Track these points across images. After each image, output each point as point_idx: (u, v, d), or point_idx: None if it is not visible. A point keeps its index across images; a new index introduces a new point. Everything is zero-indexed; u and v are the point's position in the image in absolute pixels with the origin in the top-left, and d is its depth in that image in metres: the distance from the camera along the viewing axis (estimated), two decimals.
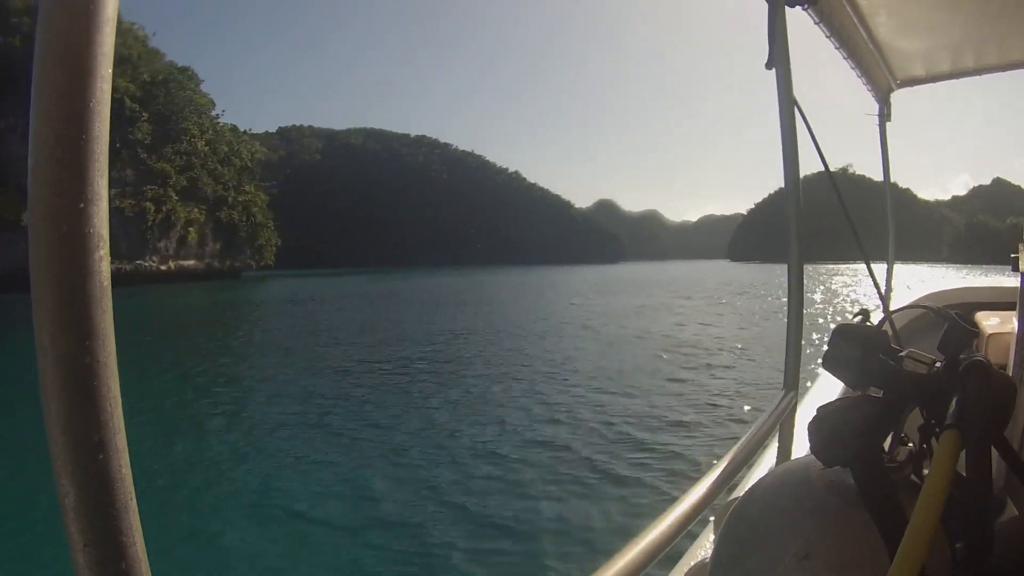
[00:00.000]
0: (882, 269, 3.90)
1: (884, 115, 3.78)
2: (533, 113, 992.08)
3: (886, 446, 0.89)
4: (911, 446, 0.91)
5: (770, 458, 1.83)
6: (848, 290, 49.44)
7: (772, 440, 1.81)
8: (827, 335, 1.00)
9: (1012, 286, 2.56)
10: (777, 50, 1.82)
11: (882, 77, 3.45)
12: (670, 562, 1.44)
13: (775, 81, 1.85)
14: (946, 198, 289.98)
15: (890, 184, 4.11)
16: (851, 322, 0.98)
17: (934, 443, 0.87)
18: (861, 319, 0.97)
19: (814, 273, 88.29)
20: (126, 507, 0.40)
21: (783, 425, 1.76)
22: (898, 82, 3.59)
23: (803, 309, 1.89)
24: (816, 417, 0.85)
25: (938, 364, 0.89)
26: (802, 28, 2.13)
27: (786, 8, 1.86)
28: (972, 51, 3.15)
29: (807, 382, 2.25)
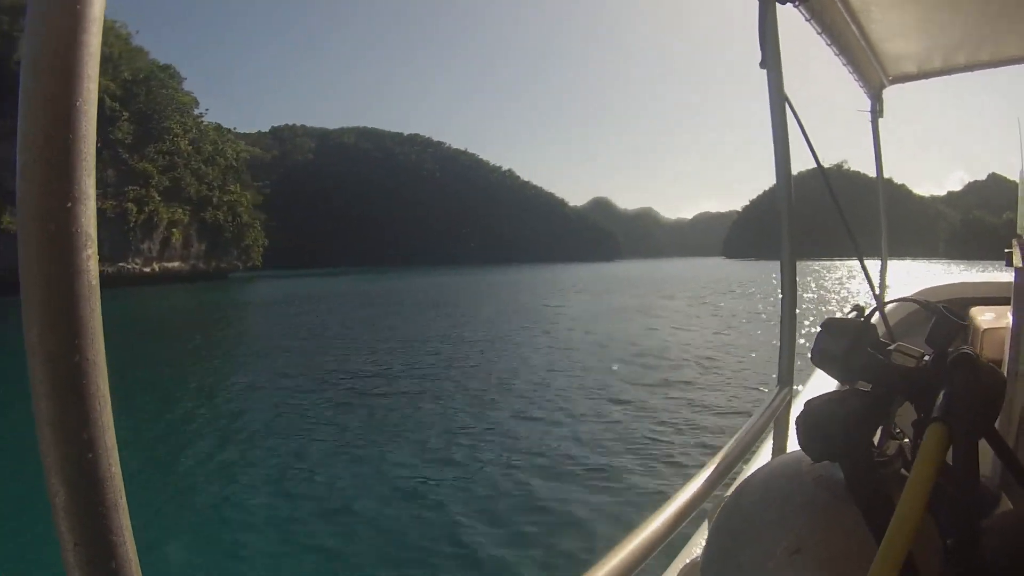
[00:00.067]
0: (876, 265, 3.88)
1: (876, 111, 3.79)
2: (527, 111, 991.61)
3: (876, 441, 0.88)
4: (905, 440, 0.90)
5: (766, 454, 1.83)
6: (841, 287, 48.43)
7: (767, 436, 1.81)
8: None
9: (1007, 281, 2.49)
10: (768, 48, 1.84)
11: (874, 73, 3.44)
12: (665, 559, 1.44)
13: (766, 78, 1.87)
14: (941, 194, 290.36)
15: (883, 180, 4.11)
16: (839, 316, 0.96)
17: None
18: (856, 315, 0.96)
19: (808, 270, 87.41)
20: (116, 505, 0.40)
21: (778, 421, 1.77)
22: (890, 78, 3.61)
23: (796, 305, 1.92)
24: (803, 412, 0.84)
25: (927, 358, 0.89)
26: (793, 25, 2.13)
27: (777, 5, 1.87)
28: (964, 47, 3.15)
29: (799, 385, 2.16)
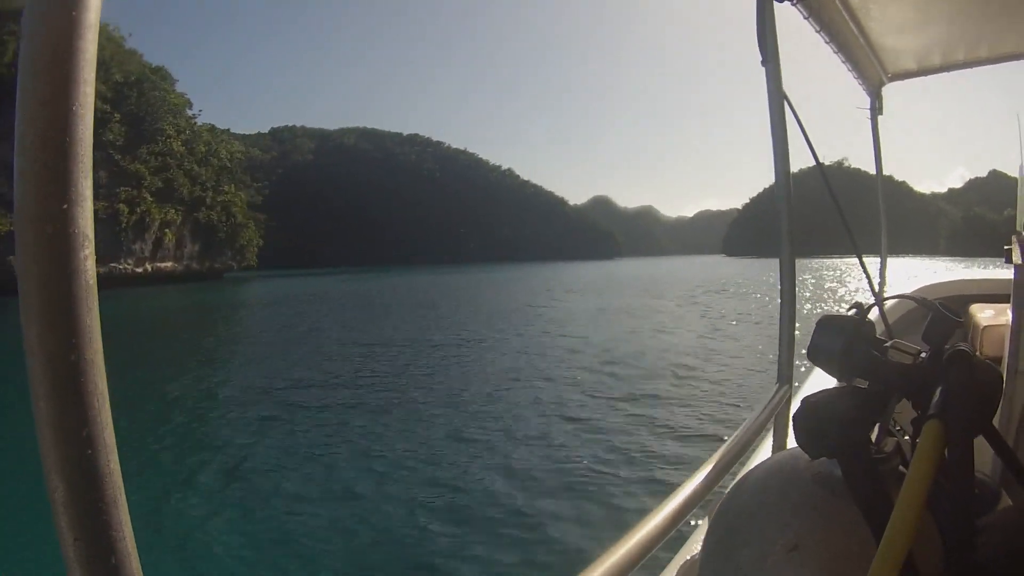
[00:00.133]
0: (876, 263, 3.84)
1: (876, 109, 3.76)
2: (527, 110, 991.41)
3: (874, 438, 0.89)
4: (905, 438, 0.90)
5: (765, 451, 1.81)
6: (841, 285, 47.74)
7: (767, 433, 1.81)
8: None
9: (1007, 278, 2.51)
10: (767, 45, 1.83)
11: (873, 71, 3.41)
12: (665, 556, 1.43)
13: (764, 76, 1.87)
14: (942, 191, 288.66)
15: (882, 177, 4.09)
16: (835, 312, 0.97)
17: None
18: (855, 312, 0.96)
19: (808, 268, 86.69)
20: (115, 502, 0.41)
21: (778, 418, 1.77)
22: (889, 76, 3.58)
23: (795, 303, 1.92)
24: (800, 408, 0.84)
25: (923, 355, 0.89)
26: (792, 23, 2.12)
27: (775, 4, 1.87)
28: (963, 43, 3.13)
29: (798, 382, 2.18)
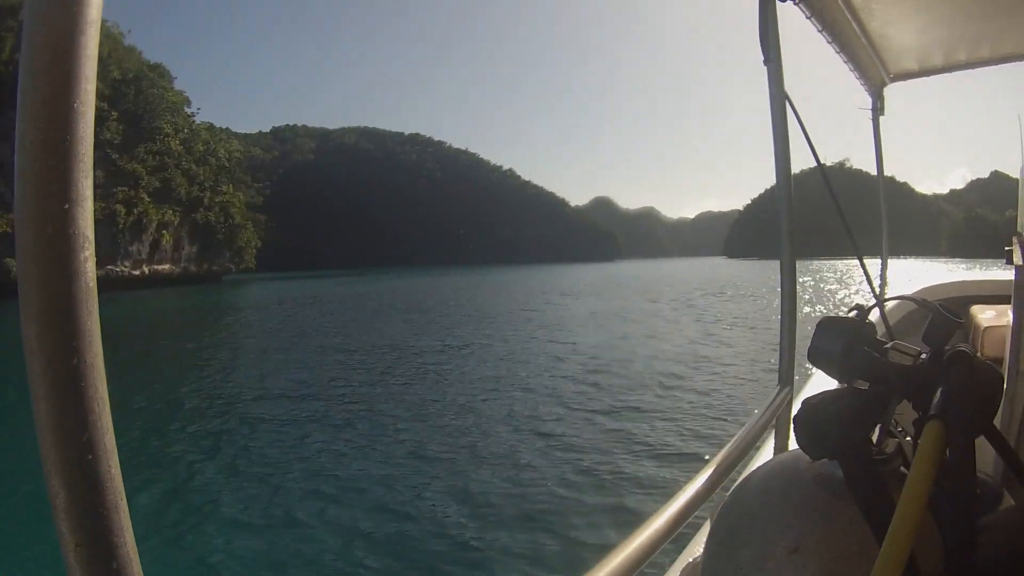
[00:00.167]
0: (876, 264, 3.83)
1: (877, 109, 3.75)
2: (528, 111, 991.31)
3: (876, 439, 0.89)
4: (907, 439, 0.90)
5: (767, 454, 1.81)
6: (841, 287, 46.99)
7: (768, 436, 1.81)
8: None
9: (1007, 279, 2.51)
10: (769, 45, 1.83)
11: (875, 71, 3.41)
12: (667, 559, 1.43)
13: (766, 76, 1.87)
14: (944, 192, 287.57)
15: (884, 178, 4.08)
16: (835, 314, 0.96)
17: None
18: (856, 314, 0.96)
19: (809, 269, 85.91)
20: (116, 506, 0.41)
21: (779, 420, 1.76)
22: (891, 76, 3.57)
23: (796, 304, 1.91)
24: (801, 410, 0.84)
25: (924, 356, 0.89)
26: (794, 23, 2.12)
27: (777, 3, 1.86)
28: (965, 44, 3.14)
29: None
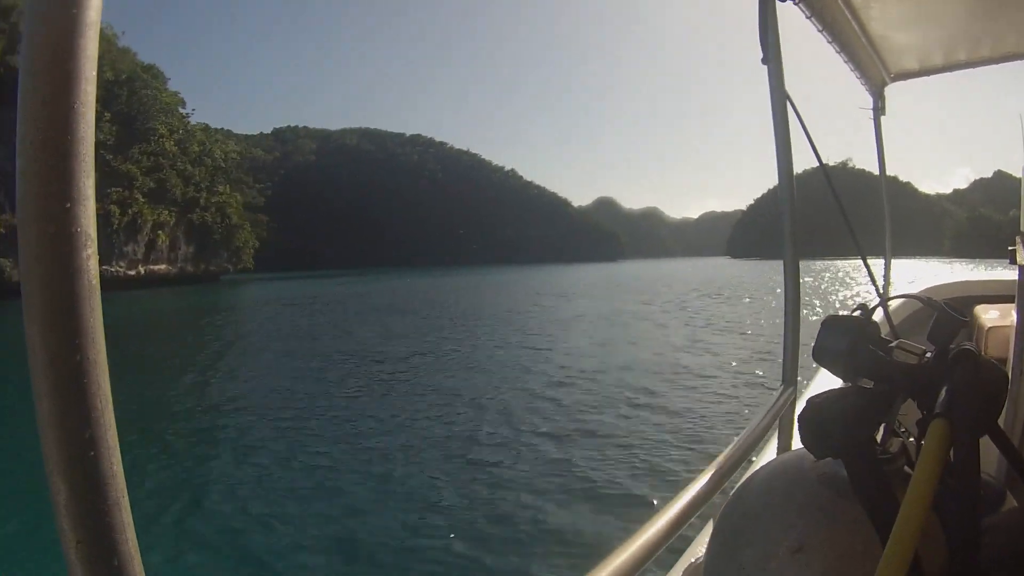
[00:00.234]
0: (880, 264, 3.81)
1: (878, 109, 3.74)
2: (531, 111, 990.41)
3: (880, 438, 0.88)
4: (911, 439, 0.89)
5: (770, 455, 1.79)
6: (844, 287, 46.32)
7: (772, 436, 1.80)
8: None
9: (1011, 279, 2.52)
10: (769, 45, 1.83)
11: (875, 71, 3.41)
12: (669, 559, 1.43)
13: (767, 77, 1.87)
14: (947, 192, 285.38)
15: (886, 178, 4.08)
16: (840, 313, 0.96)
17: None
18: (861, 313, 0.96)
19: (811, 270, 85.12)
20: (118, 504, 0.40)
21: (782, 420, 1.76)
22: (892, 76, 3.57)
23: (800, 304, 1.90)
24: (805, 409, 0.84)
25: (928, 354, 0.88)
26: (794, 23, 2.13)
27: (777, 3, 1.86)
28: (965, 43, 3.13)
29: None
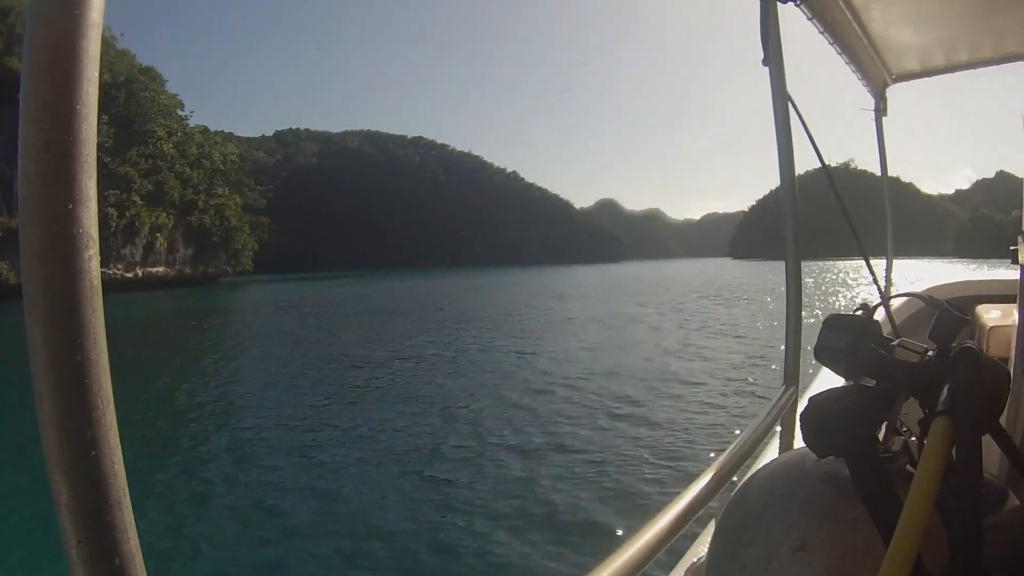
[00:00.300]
0: (882, 265, 3.79)
1: (880, 110, 3.73)
2: (533, 113, 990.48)
3: (882, 437, 0.88)
4: (913, 438, 0.89)
5: (772, 455, 1.79)
6: (846, 289, 45.94)
7: (773, 436, 1.80)
8: None
9: (1013, 278, 2.49)
10: (770, 47, 1.83)
11: (877, 72, 3.41)
12: (671, 559, 1.42)
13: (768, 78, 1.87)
14: (949, 192, 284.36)
15: (888, 179, 4.07)
16: (842, 312, 0.96)
17: None
18: (862, 312, 0.96)
19: (812, 271, 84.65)
20: (119, 504, 0.40)
21: (784, 420, 1.76)
22: (893, 77, 3.57)
23: (802, 305, 1.91)
24: (807, 408, 0.83)
25: (930, 353, 0.89)
26: (795, 24, 2.13)
27: (778, 5, 1.87)
28: (966, 44, 3.14)
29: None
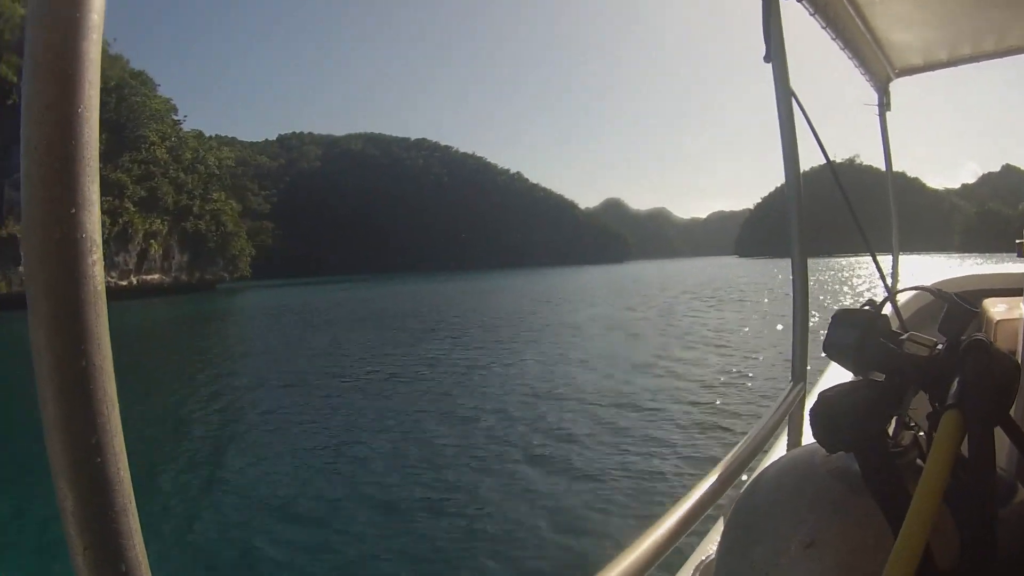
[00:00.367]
0: (888, 260, 3.76)
1: (884, 105, 3.70)
2: (536, 113, 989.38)
3: (892, 432, 0.88)
4: (921, 433, 0.89)
5: (780, 451, 1.79)
6: (851, 286, 44.60)
7: (782, 432, 1.81)
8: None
9: (1019, 272, 2.49)
10: (773, 43, 1.82)
11: (880, 67, 3.40)
12: (680, 556, 1.42)
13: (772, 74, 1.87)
14: (955, 186, 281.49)
15: (892, 174, 4.03)
16: (850, 307, 0.97)
17: None
18: (870, 307, 0.96)
19: (817, 267, 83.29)
20: (125, 509, 0.40)
21: (792, 416, 1.76)
22: (896, 71, 3.56)
23: (808, 302, 1.91)
24: (817, 403, 0.83)
25: (939, 346, 0.88)
26: (798, 20, 2.13)
27: (780, 1, 1.85)
28: (969, 38, 3.12)
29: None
